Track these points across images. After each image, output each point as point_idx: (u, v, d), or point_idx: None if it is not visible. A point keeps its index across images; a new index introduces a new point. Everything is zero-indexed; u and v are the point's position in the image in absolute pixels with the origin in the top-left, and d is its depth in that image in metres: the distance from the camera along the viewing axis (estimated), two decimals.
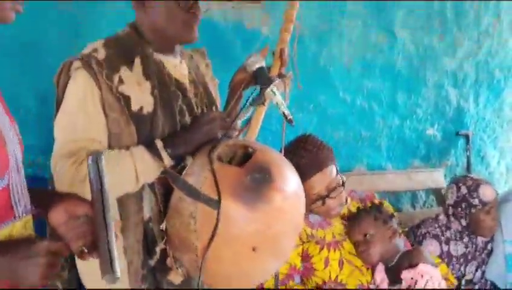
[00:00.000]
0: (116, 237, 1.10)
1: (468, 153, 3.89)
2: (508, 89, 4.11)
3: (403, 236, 2.29)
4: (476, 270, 2.56)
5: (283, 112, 1.58)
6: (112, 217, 1.11)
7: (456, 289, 2.38)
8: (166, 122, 1.56)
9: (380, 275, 2.08)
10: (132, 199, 1.54)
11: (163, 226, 1.54)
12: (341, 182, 2.10)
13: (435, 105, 3.82)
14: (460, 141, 3.98)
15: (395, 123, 3.68)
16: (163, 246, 1.58)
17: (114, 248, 1.06)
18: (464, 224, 2.50)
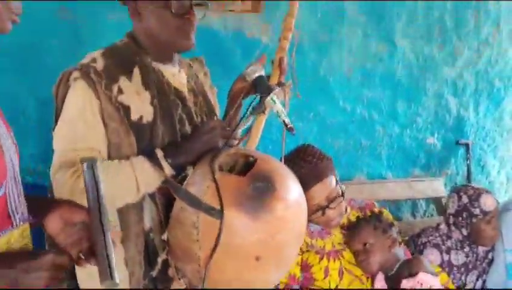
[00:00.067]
0: (114, 245, 1.09)
1: (468, 162, 3.89)
2: (508, 98, 4.11)
3: (403, 245, 2.28)
4: (477, 279, 2.54)
5: (283, 121, 1.57)
6: (109, 224, 1.10)
7: None
8: (166, 131, 1.55)
9: (380, 284, 2.07)
10: (132, 210, 1.53)
11: (164, 236, 1.52)
12: (341, 193, 2.09)
13: (435, 114, 3.82)
14: (460, 150, 3.97)
15: (395, 132, 3.68)
16: (165, 257, 1.56)
17: (112, 254, 1.05)
18: (465, 233, 2.49)
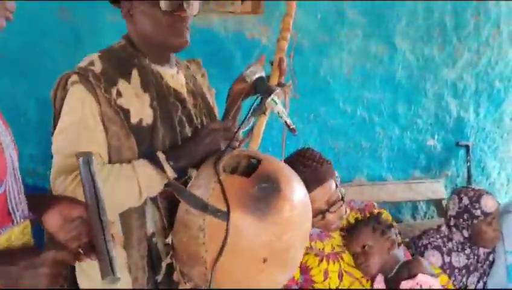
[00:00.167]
0: (113, 239, 1.09)
1: (468, 164, 3.89)
2: (508, 100, 4.12)
3: (403, 246, 2.27)
4: (478, 281, 2.54)
5: (285, 121, 1.56)
6: (107, 218, 1.10)
7: None
8: (166, 134, 1.53)
9: (379, 286, 2.07)
10: (134, 214, 1.50)
11: (169, 240, 1.50)
12: (341, 197, 2.09)
13: (435, 115, 3.82)
14: (460, 152, 3.98)
15: (396, 134, 3.69)
16: (169, 261, 1.54)
17: (112, 249, 1.05)
18: (466, 235, 2.49)
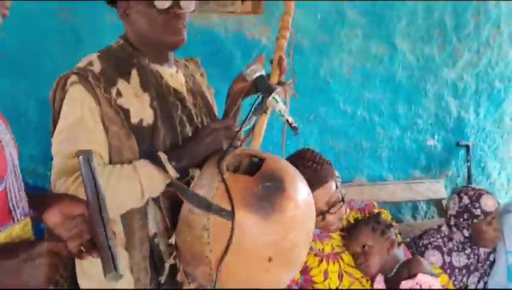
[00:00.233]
0: (114, 236, 1.08)
1: (468, 164, 3.89)
2: (508, 100, 4.12)
3: (403, 246, 2.27)
4: (479, 281, 2.54)
5: (287, 120, 1.55)
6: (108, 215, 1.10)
7: None
8: (167, 133, 1.52)
9: (379, 286, 2.06)
10: (136, 215, 1.49)
11: (172, 240, 1.49)
12: (341, 198, 2.08)
13: (436, 116, 3.82)
14: (460, 152, 3.98)
15: (396, 134, 3.68)
16: (172, 262, 1.52)
17: (114, 245, 1.04)
18: (466, 235, 2.49)
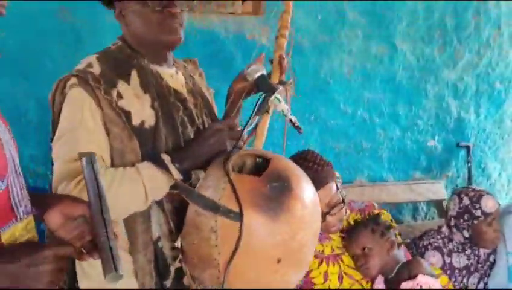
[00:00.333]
0: (116, 238, 1.07)
1: (469, 165, 3.89)
2: (509, 101, 4.12)
3: (403, 247, 2.27)
4: (479, 282, 2.54)
5: (290, 119, 1.53)
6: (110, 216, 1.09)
7: None
8: (168, 135, 1.50)
9: (379, 287, 2.06)
10: (139, 219, 1.48)
11: (178, 243, 1.48)
12: (341, 199, 2.08)
13: (436, 116, 3.82)
14: (461, 153, 3.98)
15: (396, 135, 3.68)
16: (178, 265, 1.51)
17: (115, 246, 1.04)
18: (467, 236, 2.49)
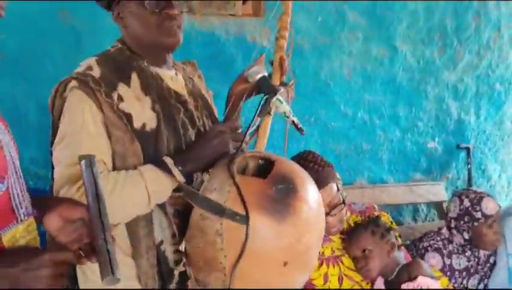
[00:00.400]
0: (114, 241, 1.07)
1: (469, 166, 3.88)
2: (509, 102, 4.12)
3: (403, 248, 2.27)
4: (479, 283, 2.54)
5: (292, 121, 1.53)
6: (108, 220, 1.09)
7: None
8: (170, 137, 1.49)
9: (380, 289, 2.06)
10: (141, 222, 1.46)
11: (182, 247, 1.47)
12: (342, 200, 2.08)
13: (436, 118, 3.82)
14: (461, 154, 3.97)
15: (396, 136, 3.68)
16: (182, 269, 1.51)
17: (113, 250, 1.04)
18: (467, 237, 2.49)
